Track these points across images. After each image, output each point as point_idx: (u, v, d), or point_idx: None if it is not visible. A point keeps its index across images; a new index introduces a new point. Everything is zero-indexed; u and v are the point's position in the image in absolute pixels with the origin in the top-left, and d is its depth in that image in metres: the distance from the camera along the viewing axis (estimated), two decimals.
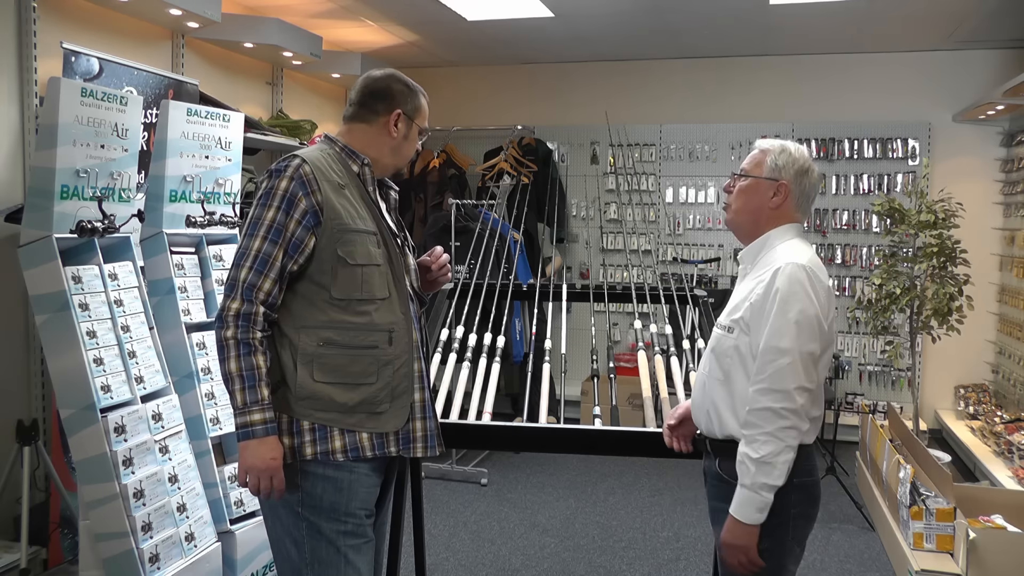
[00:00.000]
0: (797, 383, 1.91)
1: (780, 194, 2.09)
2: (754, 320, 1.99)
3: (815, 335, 1.93)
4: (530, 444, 2.59)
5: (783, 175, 2.09)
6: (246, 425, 1.96)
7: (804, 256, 2.00)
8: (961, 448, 5.15)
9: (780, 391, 1.91)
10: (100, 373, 2.78)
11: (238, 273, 1.98)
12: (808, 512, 2.06)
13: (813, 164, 2.14)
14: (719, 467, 2.08)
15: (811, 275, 1.96)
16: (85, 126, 2.81)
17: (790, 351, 1.91)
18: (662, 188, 6.42)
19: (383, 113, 2.15)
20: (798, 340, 1.91)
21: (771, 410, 1.91)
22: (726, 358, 2.05)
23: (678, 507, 4.62)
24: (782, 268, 1.96)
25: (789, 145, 2.13)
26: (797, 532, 2.05)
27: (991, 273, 5.72)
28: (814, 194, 2.14)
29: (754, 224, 2.13)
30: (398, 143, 2.18)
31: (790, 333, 1.91)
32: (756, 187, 2.12)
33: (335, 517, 2.04)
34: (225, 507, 3.14)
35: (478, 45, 5.99)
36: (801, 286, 1.94)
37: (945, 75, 5.89)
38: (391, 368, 2.07)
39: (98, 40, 3.83)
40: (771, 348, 1.93)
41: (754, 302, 1.99)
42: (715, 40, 5.78)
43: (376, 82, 2.18)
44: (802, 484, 2.01)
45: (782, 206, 2.10)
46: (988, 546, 3.15)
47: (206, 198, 3.38)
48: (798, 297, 1.93)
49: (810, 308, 1.93)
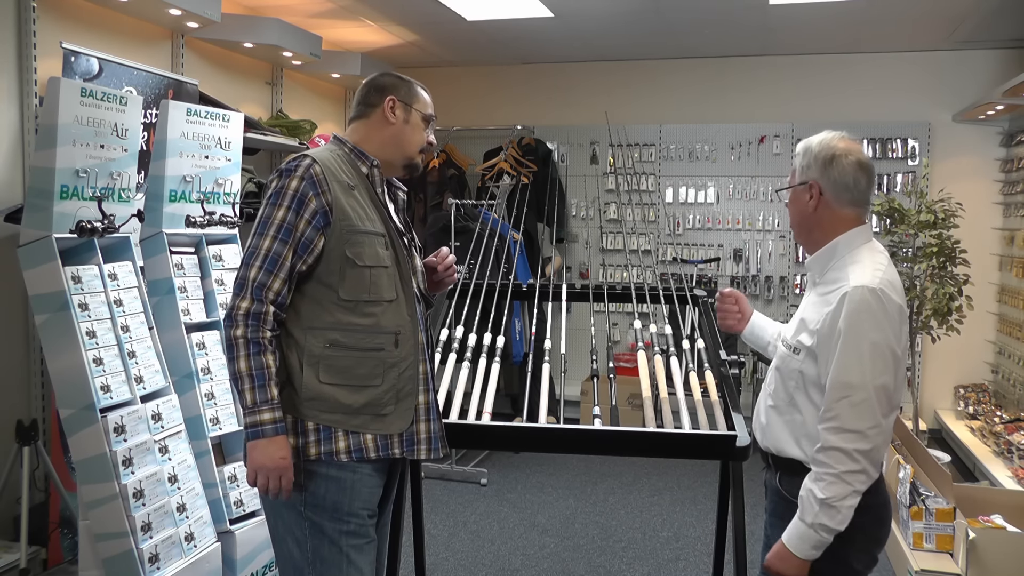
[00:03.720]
0: (872, 422, 1.80)
1: (814, 195, 1.98)
2: (821, 348, 1.88)
3: (888, 366, 1.81)
4: (530, 444, 2.59)
5: (809, 174, 1.99)
6: (256, 424, 1.95)
7: (876, 275, 1.86)
8: (961, 448, 5.15)
9: (852, 431, 1.80)
10: (100, 373, 2.78)
11: (248, 272, 1.98)
12: (874, 534, 1.96)
13: (842, 146, 1.97)
14: (779, 483, 2.01)
15: (881, 298, 1.83)
16: (85, 126, 2.81)
17: (862, 387, 1.79)
18: (662, 188, 6.42)
19: (378, 103, 2.18)
20: (870, 374, 1.80)
21: (842, 451, 1.80)
22: (791, 381, 1.97)
23: (678, 507, 4.62)
24: (850, 293, 1.83)
25: (813, 140, 2.02)
26: (862, 555, 1.95)
27: (991, 273, 5.72)
28: (855, 180, 1.95)
29: (808, 233, 2.03)
30: (399, 130, 2.19)
31: (860, 367, 1.80)
32: (795, 197, 2.04)
33: (338, 517, 2.04)
34: (225, 507, 3.13)
35: (478, 45, 5.99)
36: (871, 314, 1.81)
37: (945, 75, 5.89)
38: (397, 370, 2.07)
39: (98, 40, 3.83)
40: (841, 384, 1.81)
41: (821, 329, 1.88)
42: (715, 40, 5.78)
43: (370, 80, 2.23)
44: (869, 505, 1.90)
45: (821, 207, 1.97)
46: (988, 546, 3.15)
47: (206, 198, 3.38)
48: (868, 326, 1.81)
49: (881, 337, 1.81)
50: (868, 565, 1.98)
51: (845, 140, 2.01)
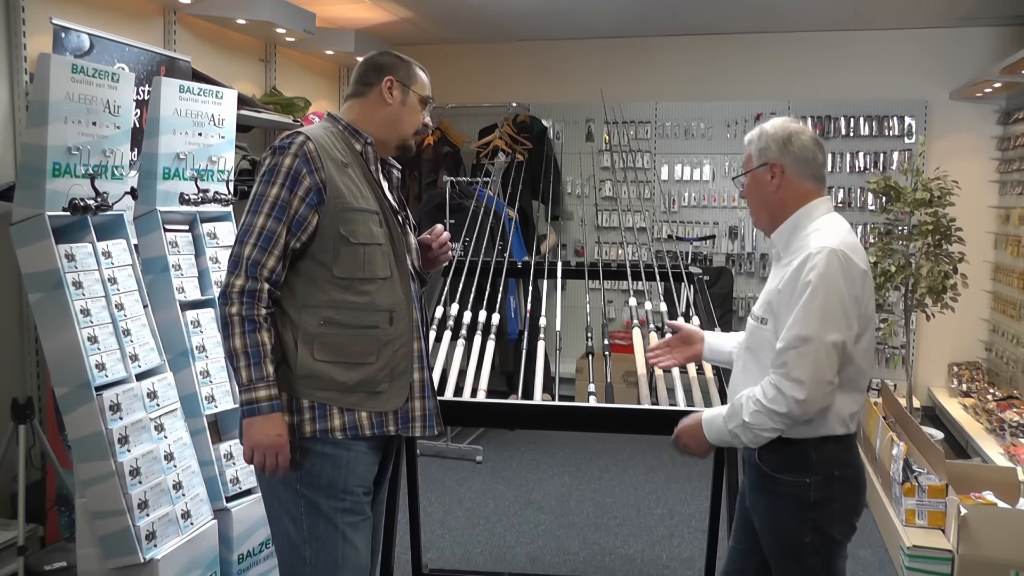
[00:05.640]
0: (814, 375, 1.86)
1: (775, 174, 2.04)
2: (782, 307, 1.94)
3: (840, 324, 1.87)
4: (525, 421, 2.60)
5: (769, 155, 2.05)
6: (251, 402, 1.96)
7: (835, 238, 1.93)
8: (954, 425, 5.18)
9: (793, 380, 1.87)
10: (94, 351, 2.77)
11: (242, 250, 1.97)
12: (852, 503, 2.03)
13: (796, 126, 2.05)
14: (759, 458, 2.04)
15: (842, 259, 1.89)
16: (76, 103, 2.78)
17: (812, 340, 1.85)
18: (657, 166, 6.40)
19: (376, 83, 2.16)
20: (822, 329, 1.85)
21: (780, 393, 1.88)
22: (763, 353, 2.00)
23: (672, 484, 4.64)
24: (812, 254, 1.89)
25: (766, 125, 2.08)
26: (844, 525, 2.03)
27: (986, 251, 5.72)
28: (813, 155, 2.04)
29: (771, 216, 2.09)
30: (396, 111, 2.17)
31: (814, 322, 1.86)
32: (754, 181, 2.09)
33: (333, 494, 2.05)
34: (221, 485, 3.14)
35: (472, 22, 5.94)
36: (830, 273, 1.87)
37: (943, 53, 5.87)
38: (391, 348, 2.07)
39: (88, 16, 3.79)
40: (793, 336, 1.87)
41: (783, 289, 1.94)
42: (711, 17, 5.73)
43: (369, 59, 2.21)
44: (844, 476, 2.00)
45: (784, 185, 2.04)
46: (978, 522, 3.18)
47: (200, 176, 3.36)
48: (826, 283, 1.86)
49: (837, 295, 1.87)
50: (847, 534, 2.04)
51: (796, 122, 2.09)
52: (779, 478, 2.00)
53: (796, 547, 2.02)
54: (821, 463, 1.97)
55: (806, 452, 1.97)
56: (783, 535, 2.04)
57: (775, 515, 2.04)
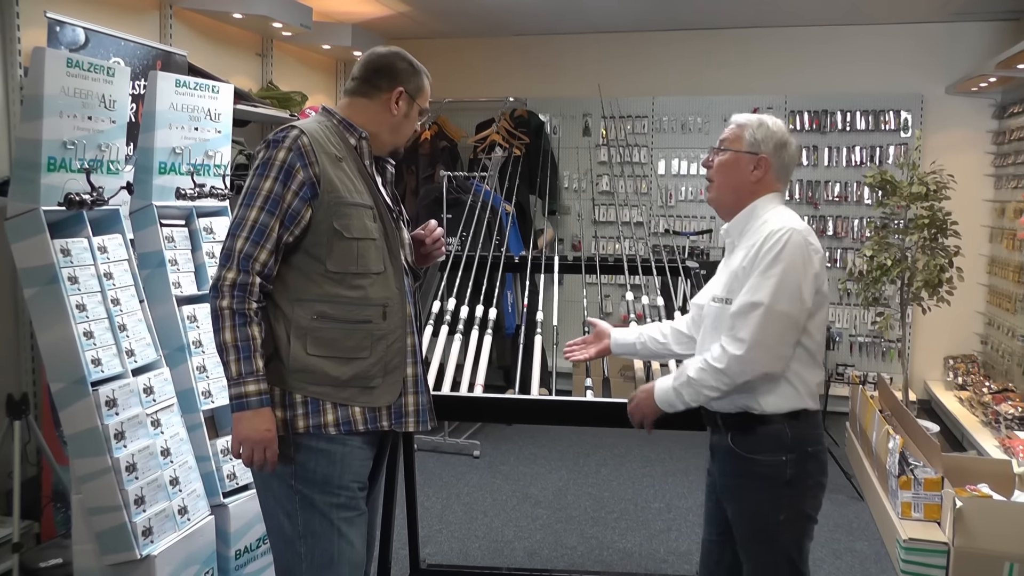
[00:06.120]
0: (756, 336, 1.93)
1: (761, 168, 2.10)
2: (741, 280, 2.01)
3: (794, 297, 1.95)
4: (522, 416, 2.60)
5: (762, 149, 2.10)
6: (240, 396, 1.96)
7: (794, 221, 2.02)
8: (949, 418, 5.20)
9: (737, 339, 1.94)
10: (90, 346, 2.76)
11: (234, 243, 1.97)
12: (821, 481, 2.10)
13: (791, 138, 2.15)
14: (731, 441, 2.08)
15: (801, 238, 1.98)
16: (71, 97, 2.77)
17: (761, 306, 1.93)
18: (654, 160, 6.40)
19: (385, 90, 2.13)
20: (773, 298, 1.93)
21: (723, 350, 1.96)
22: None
23: (670, 478, 4.65)
24: (774, 231, 1.98)
25: (766, 119, 2.13)
26: (815, 501, 2.10)
27: (981, 245, 5.73)
28: (793, 167, 2.17)
29: (736, 200, 2.14)
30: (398, 121, 2.16)
31: (766, 290, 1.93)
32: (736, 161, 2.12)
33: (328, 490, 2.05)
34: (218, 480, 3.14)
35: (470, 16, 5.93)
36: (788, 249, 1.96)
37: (938, 47, 5.87)
38: (384, 343, 2.07)
39: (83, 9, 3.77)
40: (744, 302, 1.96)
41: (746, 267, 2.01)
42: (708, 11, 5.73)
43: (381, 58, 2.15)
44: (816, 452, 2.07)
45: (763, 180, 2.11)
46: (974, 515, 3.19)
47: (196, 170, 3.35)
48: (782, 257, 1.95)
49: (792, 269, 1.95)
50: (816, 509, 2.12)
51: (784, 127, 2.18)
52: (755, 459, 2.05)
53: (770, 527, 2.07)
54: (796, 441, 2.03)
55: (782, 430, 2.02)
56: (757, 517, 2.09)
57: (750, 497, 2.09)
